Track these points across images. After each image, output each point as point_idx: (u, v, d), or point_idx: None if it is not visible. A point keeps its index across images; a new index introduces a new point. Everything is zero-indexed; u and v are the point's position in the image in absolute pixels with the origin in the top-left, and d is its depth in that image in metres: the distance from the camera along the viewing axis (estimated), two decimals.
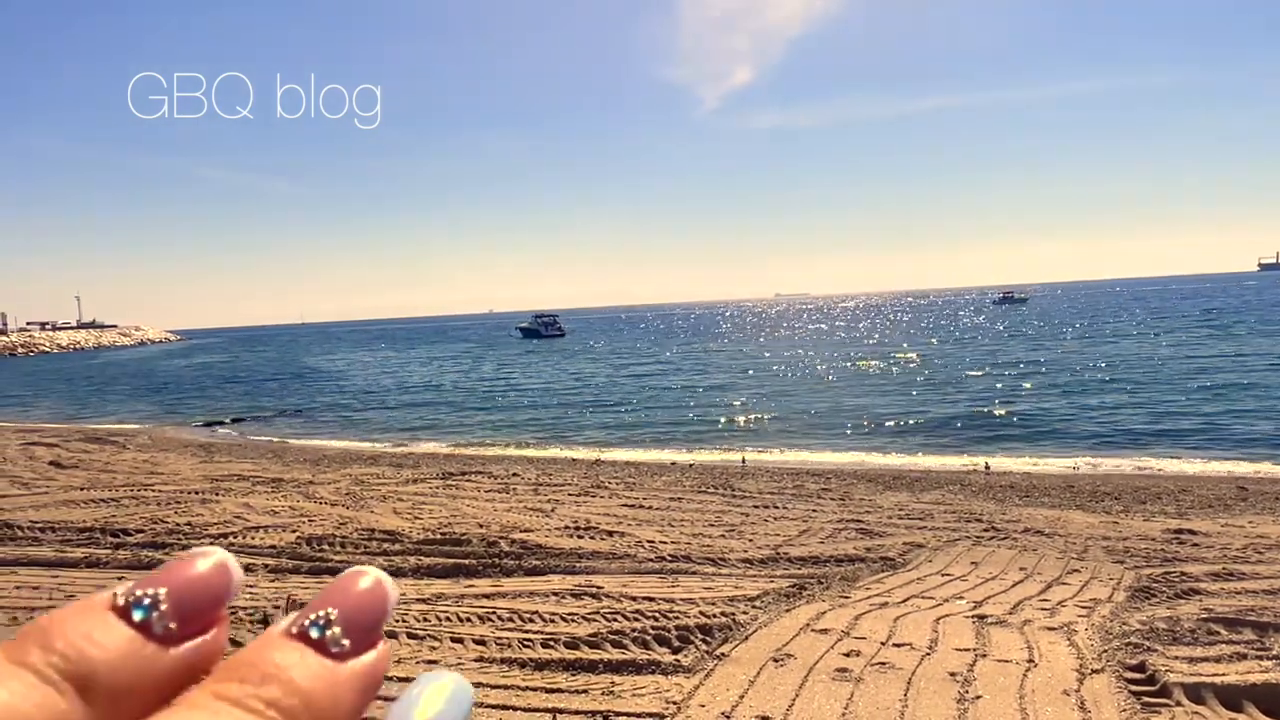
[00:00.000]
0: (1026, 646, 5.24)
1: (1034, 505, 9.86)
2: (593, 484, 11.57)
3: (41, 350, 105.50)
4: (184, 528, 8.76)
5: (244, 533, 8.61)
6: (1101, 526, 8.43)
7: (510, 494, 10.86)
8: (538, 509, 9.71)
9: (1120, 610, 5.86)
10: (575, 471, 13.35)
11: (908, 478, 12.63)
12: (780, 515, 9.18)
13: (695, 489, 11.12)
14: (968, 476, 12.85)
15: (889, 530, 8.35)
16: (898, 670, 4.93)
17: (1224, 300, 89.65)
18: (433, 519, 9.19)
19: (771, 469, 14.17)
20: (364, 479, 12.13)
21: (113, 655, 0.25)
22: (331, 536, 8.36)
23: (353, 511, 9.71)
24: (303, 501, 10.35)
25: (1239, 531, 8.05)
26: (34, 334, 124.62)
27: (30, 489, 11.47)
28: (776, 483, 11.71)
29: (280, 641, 0.28)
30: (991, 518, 8.90)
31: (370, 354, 70.93)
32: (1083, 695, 4.60)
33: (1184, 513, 9.30)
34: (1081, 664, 4.97)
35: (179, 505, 10.05)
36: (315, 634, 0.28)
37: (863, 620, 5.75)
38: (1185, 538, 7.77)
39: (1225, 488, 11.18)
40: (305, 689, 0.26)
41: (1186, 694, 4.60)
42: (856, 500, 10.11)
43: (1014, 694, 4.62)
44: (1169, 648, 5.15)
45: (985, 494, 10.77)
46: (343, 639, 0.28)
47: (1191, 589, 6.19)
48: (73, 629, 0.26)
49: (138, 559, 7.73)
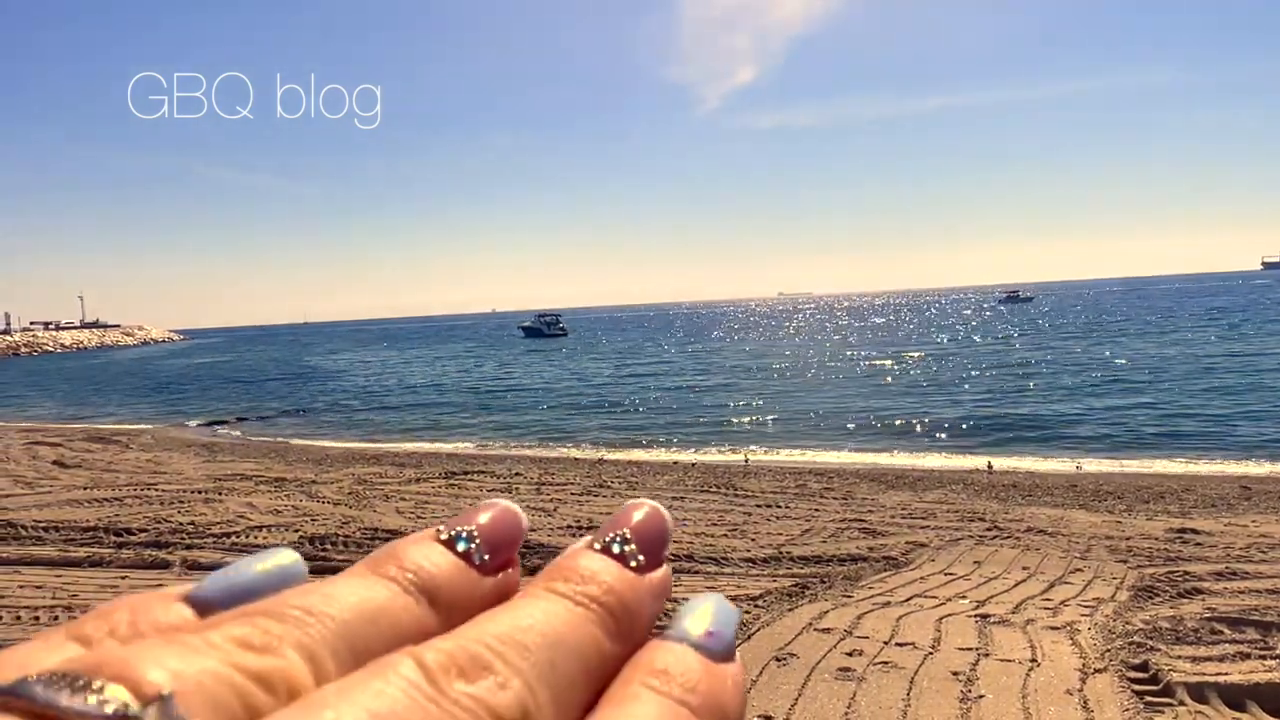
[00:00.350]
0: (1029, 646, 5.23)
1: (1037, 504, 9.85)
2: (595, 483, 11.58)
3: (45, 350, 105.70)
4: (187, 527, 8.77)
5: (247, 532, 8.63)
6: (1104, 526, 8.42)
7: (513, 493, 10.87)
8: (540, 508, 9.72)
9: (1123, 609, 5.85)
10: (578, 471, 13.36)
11: (910, 477, 12.62)
12: (783, 515, 9.18)
13: (698, 488, 11.12)
14: (970, 476, 12.84)
15: (892, 530, 8.34)
16: (900, 669, 4.93)
17: (1229, 299, 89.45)
18: (436, 518, 9.20)
19: (774, 468, 14.16)
20: (367, 478, 12.14)
21: (449, 575, 0.30)
22: (334, 536, 8.37)
23: (356, 511, 9.72)
24: (305, 501, 10.37)
25: (1242, 531, 8.04)
26: (37, 334, 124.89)
27: (34, 488, 11.50)
28: (779, 482, 11.71)
29: (589, 553, 0.32)
30: (994, 517, 8.89)
31: (372, 353, 70.99)
32: (1086, 695, 4.59)
33: (1187, 512, 9.28)
34: (1084, 663, 4.97)
35: (182, 504, 10.06)
36: (616, 549, 0.32)
37: (865, 619, 5.75)
38: (1188, 537, 7.76)
39: (1228, 487, 11.16)
40: (619, 591, 0.31)
41: (1190, 693, 4.60)
42: (859, 500, 10.11)
43: (1017, 693, 4.62)
44: (1172, 647, 5.15)
45: (988, 493, 10.76)
46: (639, 554, 0.32)
47: (1195, 588, 6.18)
48: (415, 553, 0.31)
49: (141, 558, 7.74)
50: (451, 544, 0.32)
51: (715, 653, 0.30)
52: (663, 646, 0.30)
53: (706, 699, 0.28)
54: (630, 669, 0.29)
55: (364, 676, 0.24)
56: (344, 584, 0.29)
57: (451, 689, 0.25)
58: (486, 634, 0.27)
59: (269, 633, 0.25)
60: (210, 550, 7.98)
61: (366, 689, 0.24)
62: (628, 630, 0.30)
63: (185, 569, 7.50)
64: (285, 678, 0.24)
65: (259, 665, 0.24)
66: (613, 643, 0.29)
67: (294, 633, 0.26)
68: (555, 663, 0.27)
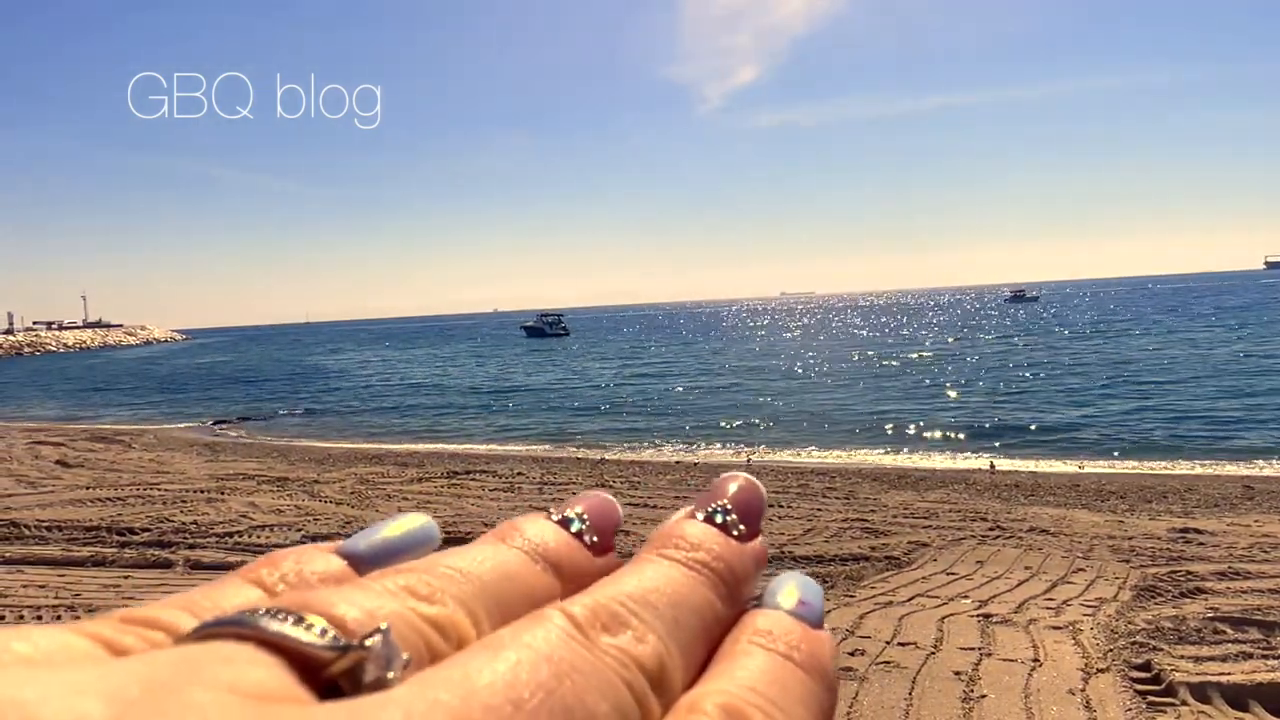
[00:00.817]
0: (1032, 645, 5.23)
1: (1039, 504, 9.83)
2: (597, 483, 11.58)
3: (48, 350, 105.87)
4: (190, 526, 8.79)
5: (249, 531, 8.64)
6: (1107, 525, 8.41)
7: (515, 493, 10.88)
8: (542, 508, 9.64)
9: (1126, 609, 5.85)
10: (579, 470, 13.37)
11: (913, 477, 12.61)
12: (785, 514, 9.18)
13: (700, 488, 11.08)
14: (973, 475, 12.83)
15: (894, 529, 8.34)
16: (902, 669, 4.93)
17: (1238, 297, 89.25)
18: (438, 518, 9.03)
19: (776, 468, 14.16)
20: (369, 478, 12.15)
21: (570, 550, 0.34)
22: (337, 535, 8.36)
23: (358, 510, 9.73)
24: (308, 500, 10.38)
25: (1245, 531, 8.03)
26: (40, 333, 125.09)
27: (36, 488, 11.52)
28: (781, 481, 11.70)
29: (694, 523, 0.34)
30: (997, 517, 8.88)
31: (375, 353, 71.03)
32: (1088, 694, 4.59)
33: (1189, 512, 9.26)
34: (1087, 663, 4.96)
35: (185, 504, 10.08)
36: (719, 520, 0.34)
37: (867, 619, 5.75)
38: (1191, 537, 7.75)
39: (1231, 487, 11.13)
40: (727, 558, 0.33)
41: (1192, 693, 4.60)
42: (861, 499, 10.10)
43: (1019, 693, 4.62)
44: (1174, 647, 5.15)
45: (990, 493, 10.75)
46: (739, 524, 0.34)
47: (1197, 588, 6.17)
48: (535, 528, 0.34)
49: (144, 558, 7.76)
50: (565, 524, 0.35)
51: (810, 620, 0.32)
52: (762, 613, 0.32)
53: (809, 656, 0.30)
54: (737, 631, 0.31)
55: (527, 624, 0.27)
56: (482, 549, 0.32)
57: (600, 640, 0.27)
58: (620, 593, 0.29)
59: (431, 585, 0.28)
60: (213, 550, 7.99)
61: (534, 634, 0.26)
62: (735, 594, 0.33)
63: (188, 569, 7.52)
64: (454, 625, 0.27)
65: (432, 612, 0.27)
66: (723, 605, 0.32)
67: (451, 586, 0.28)
68: (680, 620, 0.30)
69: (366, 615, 0.25)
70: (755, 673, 0.29)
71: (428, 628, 0.26)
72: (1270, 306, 66.59)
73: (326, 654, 0.24)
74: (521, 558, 0.32)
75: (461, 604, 0.28)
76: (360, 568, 0.31)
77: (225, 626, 0.24)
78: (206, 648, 0.23)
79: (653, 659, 0.28)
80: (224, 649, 0.23)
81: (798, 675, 0.29)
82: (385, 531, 0.33)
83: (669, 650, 0.28)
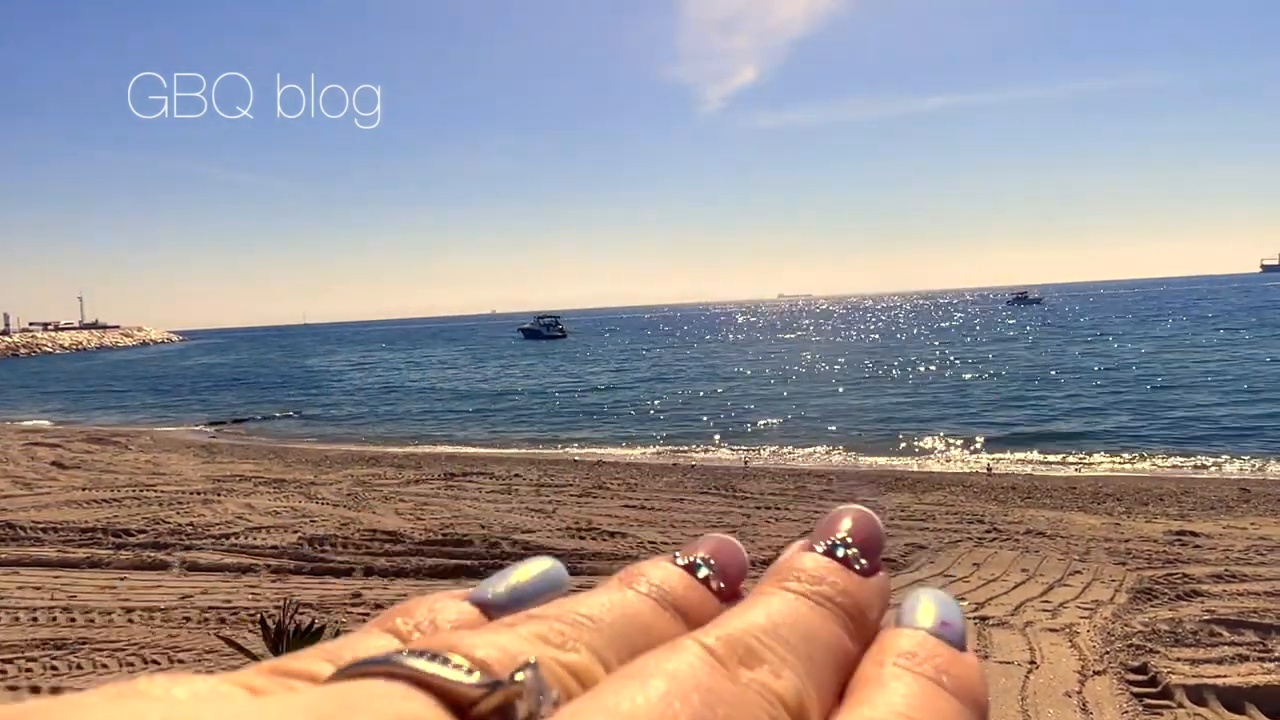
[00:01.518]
0: (1028, 648, 5.24)
1: (1036, 507, 9.84)
2: (594, 485, 11.57)
3: (44, 351, 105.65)
4: (186, 528, 8.77)
5: (246, 533, 8.62)
6: (1103, 528, 8.42)
7: (512, 495, 10.87)
8: (539, 510, 9.72)
9: (1122, 612, 5.85)
10: (577, 472, 13.35)
11: (910, 479, 12.61)
12: (782, 516, 9.19)
13: (697, 490, 11.12)
14: (970, 478, 12.84)
15: (891, 531, 8.34)
16: None
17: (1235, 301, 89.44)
18: (435, 520, 9.20)
19: (774, 470, 14.16)
20: (366, 479, 12.14)
21: (698, 597, 0.32)
22: (333, 537, 8.37)
23: (355, 512, 9.72)
24: (304, 502, 10.36)
25: (1241, 533, 8.05)
26: (36, 334, 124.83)
27: (32, 489, 11.50)
28: (779, 484, 11.71)
29: (814, 556, 0.33)
30: (993, 519, 8.89)
31: (372, 355, 70.97)
32: (1085, 697, 4.60)
33: (1186, 514, 9.28)
34: (1083, 666, 4.97)
35: (181, 506, 10.06)
36: (840, 553, 0.33)
37: None
38: (1187, 539, 7.76)
39: (1227, 489, 11.15)
40: (853, 592, 0.32)
41: (1188, 696, 4.60)
42: (859, 501, 10.09)
43: (1016, 695, 4.62)
44: (1171, 649, 5.15)
45: (987, 495, 10.76)
46: (861, 559, 0.33)
47: (1193, 591, 6.18)
48: (661, 574, 0.33)
49: (140, 559, 7.74)
50: (691, 570, 0.34)
51: (954, 642, 0.30)
52: (901, 633, 0.30)
53: (959, 681, 0.29)
54: (877, 652, 0.30)
55: (666, 653, 0.26)
56: (610, 595, 0.31)
57: (739, 674, 0.26)
58: (752, 625, 0.29)
59: (563, 634, 0.28)
60: (209, 552, 7.98)
61: (677, 663, 0.26)
62: (862, 630, 0.31)
63: (184, 570, 7.50)
64: (588, 671, 0.27)
65: (564, 658, 0.27)
66: (852, 641, 0.31)
67: (582, 634, 0.28)
68: (813, 656, 0.29)
69: (507, 656, 0.25)
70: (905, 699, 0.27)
71: (565, 673, 0.26)
72: (1266, 310, 66.74)
73: (476, 691, 0.24)
74: (649, 604, 0.31)
75: (593, 651, 0.28)
76: (491, 614, 0.31)
77: (375, 665, 0.24)
78: (361, 685, 0.24)
79: (792, 694, 0.27)
80: (378, 686, 0.24)
81: (951, 703, 0.28)
82: (515, 577, 0.33)
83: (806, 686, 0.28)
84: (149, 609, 6.34)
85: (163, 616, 6.21)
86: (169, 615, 6.24)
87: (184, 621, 6.13)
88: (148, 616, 6.20)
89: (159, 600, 6.56)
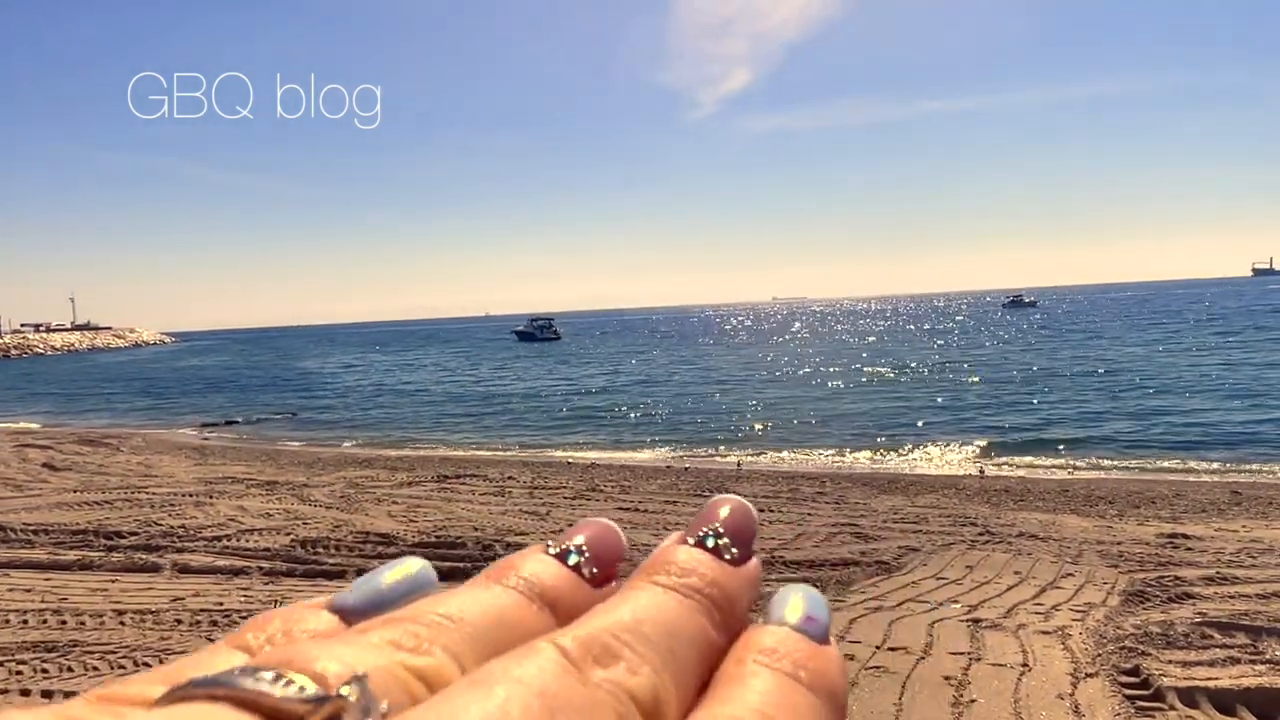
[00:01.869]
0: (1021, 650, 5.25)
1: (1028, 509, 9.87)
2: (587, 487, 11.57)
3: (35, 352, 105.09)
4: (178, 530, 8.73)
5: (238, 535, 8.59)
6: (1096, 530, 8.45)
7: (505, 497, 10.85)
8: (533, 512, 9.70)
9: (1114, 614, 5.87)
10: (570, 475, 13.34)
11: (903, 481, 12.64)
12: (775, 519, 9.18)
13: (690, 493, 11.12)
14: (963, 480, 12.87)
15: (884, 534, 8.36)
16: (892, 674, 4.93)
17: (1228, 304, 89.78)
18: (428, 522, 9.18)
19: (766, 472, 14.17)
20: (359, 482, 12.11)
21: (568, 586, 0.33)
22: (326, 539, 8.34)
23: (347, 514, 9.69)
24: (297, 504, 10.33)
25: (1232, 536, 8.08)
26: (28, 336, 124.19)
27: (23, 491, 11.43)
28: (771, 486, 11.71)
29: (685, 548, 0.34)
30: (986, 522, 8.91)
31: (366, 356, 70.79)
32: (1077, 699, 4.61)
33: (1178, 517, 9.31)
34: (1076, 668, 4.98)
35: (173, 508, 10.02)
36: (710, 544, 0.34)
37: (857, 624, 5.76)
38: (1179, 542, 7.79)
39: (1219, 492, 11.20)
40: (720, 583, 0.32)
41: (1180, 698, 4.62)
42: (851, 504, 10.12)
43: (1009, 698, 4.63)
44: (1163, 652, 5.17)
45: (980, 498, 10.78)
46: (732, 548, 0.34)
47: (1185, 593, 6.20)
48: (531, 565, 0.33)
49: (131, 561, 7.70)
50: (562, 558, 0.34)
51: (816, 636, 0.31)
52: (766, 630, 0.31)
53: (816, 675, 0.30)
54: (739, 650, 0.31)
55: (517, 658, 0.26)
56: (474, 592, 0.31)
57: (592, 673, 0.27)
58: (611, 625, 0.29)
59: (418, 636, 0.27)
60: (201, 554, 7.94)
61: (524, 668, 0.26)
62: (729, 620, 0.32)
63: (176, 572, 7.47)
64: (440, 675, 0.27)
65: (415, 662, 0.26)
66: (718, 632, 0.31)
67: (439, 636, 0.28)
68: (675, 650, 0.29)
69: (346, 668, 0.25)
70: (761, 695, 0.28)
71: (413, 679, 0.26)
72: (1258, 313, 67.03)
73: (301, 708, 0.23)
74: (516, 598, 0.31)
75: (449, 652, 0.27)
76: (350, 620, 0.31)
77: (199, 688, 0.24)
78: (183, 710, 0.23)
79: (647, 691, 0.27)
80: (200, 710, 0.23)
81: (806, 697, 0.29)
82: (375, 581, 0.33)
83: (663, 681, 0.28)
84: (140, 611, 6.31)
85: (154, 619, 6.18)
86: (160, 618, 6.21)
87: (175, 624, 6.10)
88: (139, 619, 6.17)
89: (150, 603, 6.53)
